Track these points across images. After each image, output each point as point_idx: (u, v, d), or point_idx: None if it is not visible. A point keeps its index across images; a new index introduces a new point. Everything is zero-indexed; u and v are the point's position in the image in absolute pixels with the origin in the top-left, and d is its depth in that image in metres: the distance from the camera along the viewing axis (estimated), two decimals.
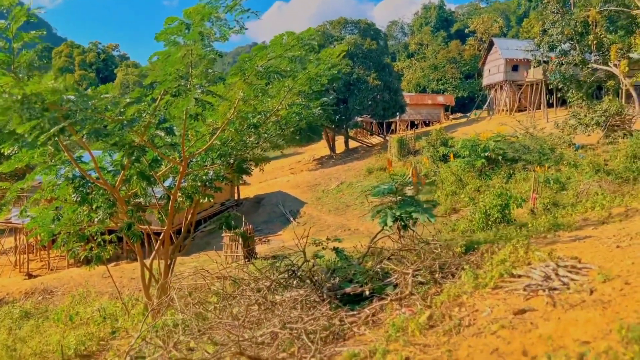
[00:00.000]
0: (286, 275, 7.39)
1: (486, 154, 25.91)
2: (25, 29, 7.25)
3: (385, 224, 7.63)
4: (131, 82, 70.10)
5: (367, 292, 6.54)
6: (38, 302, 18.08)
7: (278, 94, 10.22)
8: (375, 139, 54.26)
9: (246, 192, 37.99)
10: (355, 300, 6.36)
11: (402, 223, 7.73)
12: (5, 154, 9.07)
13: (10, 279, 25.28)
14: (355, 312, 5.96)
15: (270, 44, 8.82)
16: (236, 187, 35.78)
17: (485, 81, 54.06)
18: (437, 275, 6.41)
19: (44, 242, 12.89)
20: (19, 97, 5.98)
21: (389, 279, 6.72)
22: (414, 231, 8.40)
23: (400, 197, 7.85)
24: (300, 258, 7.59)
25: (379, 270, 7.00)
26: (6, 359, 8.23)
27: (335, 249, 8.51)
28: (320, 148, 55.58)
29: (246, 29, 7.61)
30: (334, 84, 35.82)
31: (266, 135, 10.35)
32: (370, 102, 42.17)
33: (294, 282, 7.23)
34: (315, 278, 6.87)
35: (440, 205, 22.64)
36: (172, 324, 6.66)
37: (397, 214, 7.51)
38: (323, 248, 8.28)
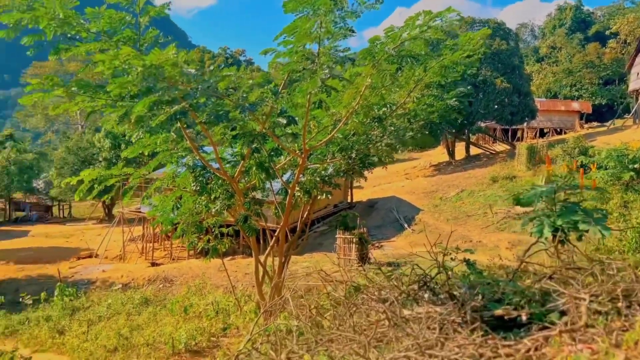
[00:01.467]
0: (416, 287, 6.25)
1: (635, 166, 22.60)
2: (165, 38, 7.04)
3: (541, 235, 6.16)
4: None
5: (524, 318, 5.16)
6: (158, 290, 18.75)
7: (407, 84, 9.21)
8: (499, 146, 50.80)
9: (359, 195, 37.27)
10: (506, 327, 5.07)
11: (562, 236, 6.20)
12: (132, 139, 9.05)
13: (136, 265, 26.92)
14: (511, 343, 4.66)
15: (404, 24, 7.81)
16: (349, 190, 35.22)
17: (632, 85, 48.16)
18: (620, 305, 4.89)
19: (166, 230, 13.06)
20: (139, 68, 5.65)
21: (552, 304, 5.28)
22: (574, 246, 6.78)
23: (560, 204, 6.33)
24: (430, 267, 6.45)
25: (536, 291, 5.59)
26: (118, 347, 8.10)
27: (467, 261, 7.32)
28: (437, 154, 53.32)
29: (381, 2, 6.71)
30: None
31: (392, 129, 9.38)
32: (496, 106, 39.36)
33: (426, 295, 6.06)
34: (455, 293, 5.64)
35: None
36: (285, 329, 5.98)
37: (558, 223, 6.01)
38: (452, 259, 7.15)
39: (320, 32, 6.10)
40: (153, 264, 26.62)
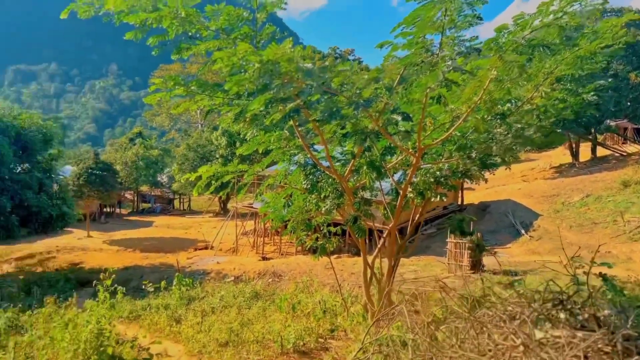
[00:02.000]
0: (549, 305, 5.54)
1: None
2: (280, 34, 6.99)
3: None
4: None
5: None
6: (267, 284, 19.20)
7: (536, 77, 8.33)
8: (631, 147, 45.80)
9: (470, 197, 35.57)
10: None
11: None
12: (247, 137, 9.17)
13: (248, 259, 27.95)
14: None
15: (537, 10, 7.01)
16: (460, 191, 33.72)
17: None
18: None
19: (275, 227, 13.24)
20: (256, 65, 5.57)
21: None
22: None
23: None
24: (569, 285, 5.67)
25: None
26: (229, 342, 8.21)
27: (603, 277, 6.38)
28: (557, 155, 49.37)
29: None
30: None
31: (518, 126, 8.54)
32: (629, 103, 35.42)
33: (562, 316, 5.34)
34: (599, 316, 4.89)
35: None
36: (399, 341, 5.60)
37: None
38: (585, 273, 6.26)
39: (444, 21, 5.61)
40: (263, 258, 27.47)
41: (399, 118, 7.25)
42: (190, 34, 6.58)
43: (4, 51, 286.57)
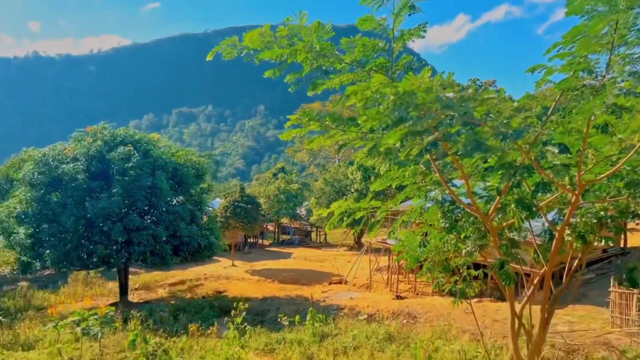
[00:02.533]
0: None
1: None
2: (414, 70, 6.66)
3: None
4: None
5: None
6: (402, 326, 18.31)
7: None
8: None
9: (635, 240, 31.10)
10: None
11: None
12: (381, 171, 8.80)
13: (381, 296, 27.24)
14: None
15: None
16: (623, 232, 29.62)
17: None
18: None
19: (410, 266, 12.54)
20: (391, 97, 5.19)
21: None
22: None
23: None
24: None
25: None
26: None
27: None
28: None
29: None
30: None
31: None
32: None
33: None
34: None
35: None
36: None
37: None
38: None
39: (614, 36, 4.72)
40: (397, 297, 26.55)
41: (555, 150, 6.31)
42: (324, 67, 6.46)
43: (170, 96, 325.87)
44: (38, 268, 24.49)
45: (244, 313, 11.34)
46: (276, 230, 60.54)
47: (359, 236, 49.66)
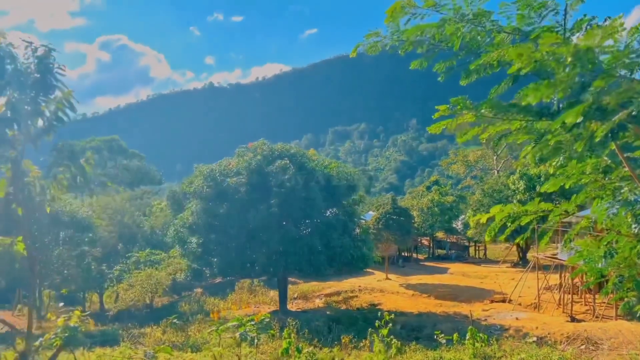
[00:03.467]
0: None
1: None
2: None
3: None
4: None
5: None
6: (579, 352, 15.91)
7: None
8: None
9: None
10: None
11: None
12: (550, 170, 7.54)
13: (552, 318, 24.29)
14: None
15: None
16: None
17: None
18: None
19: (590, 283, 10.73)
20: (569, 58, 4.18)
21: None
22: None
23: None
24: None
25: None
26: None
27: None
28: None
29: None
30: None
31: None
32: None
33: None
34: None
35: None
36: None
37: None
38: None
39: None
40: (572, 319, 23.43)
41: None
42: (478, 41, 5.60)
43: (327, 116, 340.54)
44: (208, 275, 26.59)
45: (398, 327, 10.67)
46: (431, 244, 58.58)
47: (524, 251, 45.61)
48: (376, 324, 8.62)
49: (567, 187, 7.72)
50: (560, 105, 6.36)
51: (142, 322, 26.87)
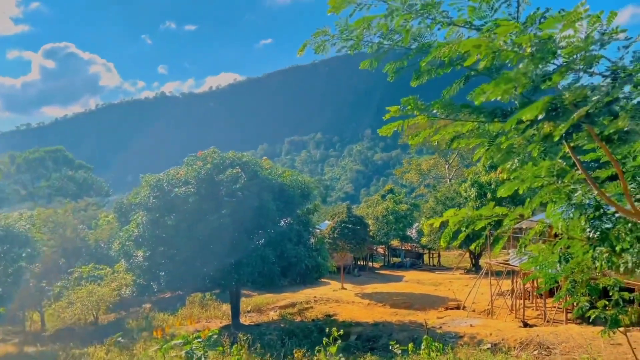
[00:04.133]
0: None
1: None
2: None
3: None
4: None
5: None
6: (533, 357, 15.90)
7: None
8: None
9: None
10: None
11: None
12: (504, 174, 7.27)
13: (505, 323, 24.47)
14: None
15: None
16: None
17: None
18: None
19: (543, 289, 10.60)
20: (528, 47, 3.82)
21: None
22: None
23: None
24: None
25: None
26: None
27: None
28: None
29: None
30: None
31: None
32: None
33: None
34: None
35: None
36: None
37: None
38: None
39: None
40: (525, 324, 23.66)
41: None
42: (430, 47, 5.21)
43: (282, 126, 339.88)
44: (155, 290, 25.33)
45: (354, 337, 10.17)
46: (386, 252, 58.78)
47: (476, 258, 46.33)
48: (324, 341, 8.08)
49: (521, 191, 7.45)
50: (511, 107, 6.13)
51: (86, 341, 25.32)
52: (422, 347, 14.69)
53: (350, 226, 37.08)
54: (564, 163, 6.99)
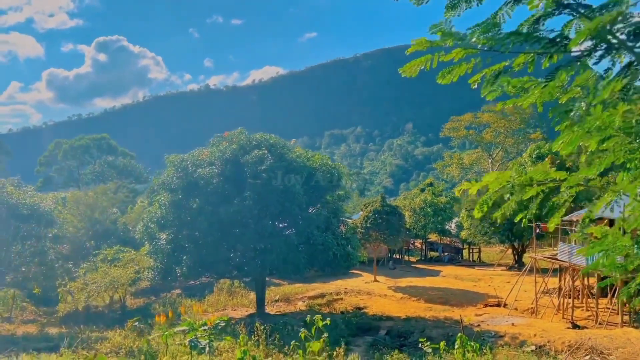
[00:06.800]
0: None
1: None
2: None
3: None
4: None
5: None
6: None
7: None
8: None
9: None
10: None
11: None
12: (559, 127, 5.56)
13: (552, 324, 22.29)
14: None
15: None
16: None
17: None
18: None
19: (608, 281, 8.75)
20: None
21: None
22: None
23: None
24: None
25: None
26: None
27: None
28: None
29: None
30: None
31: None
32: None
33: None
34: None
35: None
36: None
37: None
38: None
39: None
40: (574, 326, 21.44)
41: None
42: None
43: (323, 119, 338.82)
44: (178, 274, 24.39)
45: (383, 332, 8.64)
46: (424, 246, 56.57)
47: (519, 253, 43.66)
48: (301, 334, 6.56)
49: (590, 146, 5.60)
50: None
51: (109, 324, 24.79)
52: (456, 346, 12.99)
53: (384, 216, 35.21)
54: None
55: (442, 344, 13.05)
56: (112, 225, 34.61)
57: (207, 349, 12.29)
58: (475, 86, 5.94)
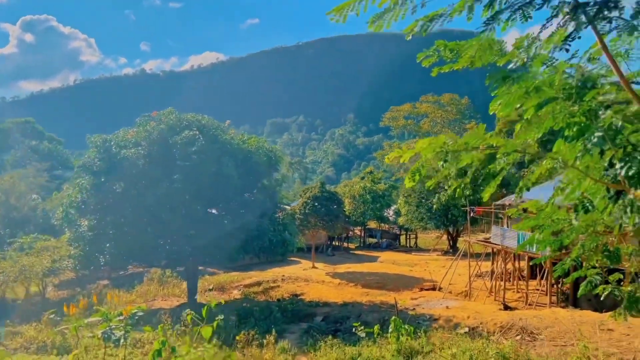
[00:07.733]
0: None
1: None
2: None
3: None
4: None
5: None
6: (518, 343, 13.89)
7: None
8: None
9: None
10: None
11: None
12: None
13: (484, 306, 22.61)
14: None
15: None
16: None
17: None
18: None
19: (546, 256, 8.52)
20: None
21: None
22: None
23: None
24: None
25: None
26: None
27: None
28: None
29: None
30: None
31: None
32: None
33: None
34: None
35: None
36: None
37: None
38: None
39: None
40: (505, 307, 21.82)
41: None
42: None
43: (264, 107, 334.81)
44: (102, 263, 22.76)
45: (320, 319, 8.03)
46: (362, 233, 56.88)
47: (454, 239, 44.63)
48: (187, 316, 5.77)
49: (526, 112, 5.06)
50: None
51: (28, 317, 22.83)
52: (390, 330, 12.63)
53: (323, 202, 34.76)
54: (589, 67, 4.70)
55: (377, 327, 12.65)
56: (31, 212, 32.08)
57: (122, 340, 11.13)
58: (410, 37, 5.25)
